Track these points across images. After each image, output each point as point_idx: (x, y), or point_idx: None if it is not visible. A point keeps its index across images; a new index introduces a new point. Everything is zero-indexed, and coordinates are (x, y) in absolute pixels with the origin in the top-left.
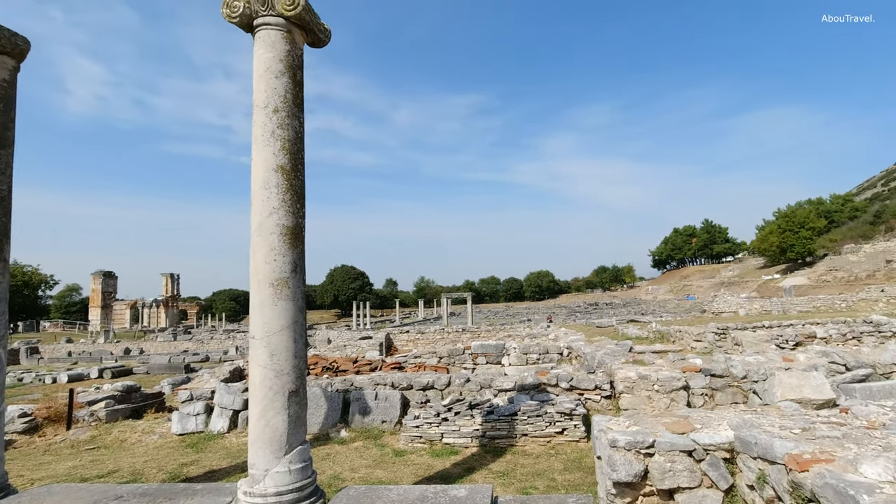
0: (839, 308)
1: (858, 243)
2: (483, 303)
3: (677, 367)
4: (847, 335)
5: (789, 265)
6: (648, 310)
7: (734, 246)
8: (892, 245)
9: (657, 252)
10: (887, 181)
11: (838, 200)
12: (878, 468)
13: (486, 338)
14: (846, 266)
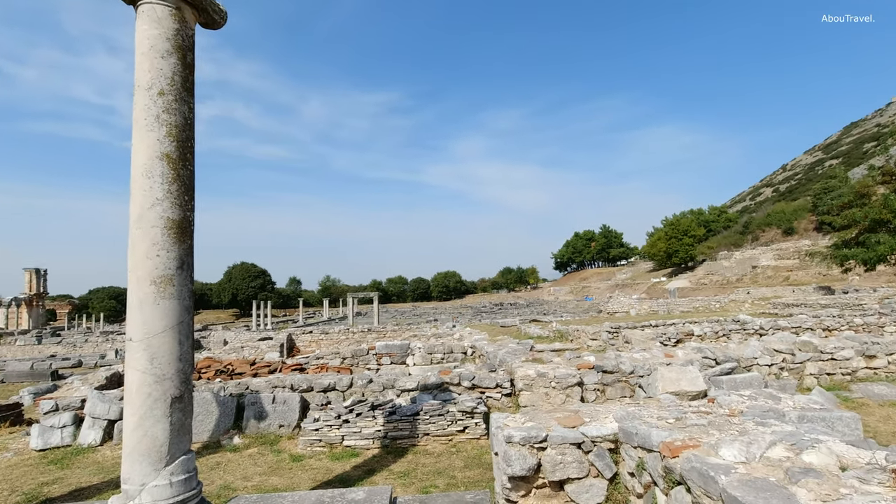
0: (714, 308)
1: (731, 250)
2: (390, 303)
3: (573, 364)
4: (719, 333)
5: (674, 269)
6: (550, 310)
7: (628, 250)
8: (757, 252)
9: (559, 255)
10: (754, 196)
11: (715, 211)
12: (734, 451)
13: (392, 338)
14: (720, 271)
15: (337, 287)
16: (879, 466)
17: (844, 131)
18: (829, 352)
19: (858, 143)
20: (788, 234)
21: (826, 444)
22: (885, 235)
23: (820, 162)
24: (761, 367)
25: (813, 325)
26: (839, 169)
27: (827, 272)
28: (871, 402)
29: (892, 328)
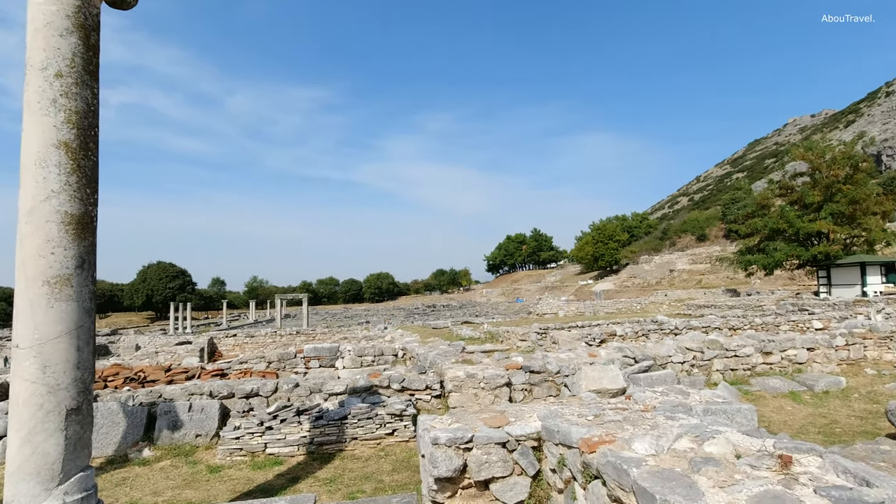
0: (635, 309)
1: (651, 255)
2: (321, 304)
3: (502, 365)
4: (639, 333)
5: (600, 272)
6: (482, 311)
7: (558, 254)
8: (674, 257)
9: (492, 257)
10: (672, 204)
11: (637, 218)
12: (646, 444)
13: (322, 340)
14: (642, 274)
15: (264, 288)
16: (768, 453)
17: (749, 147)
18: (733, 349)
19: (760, 159)
20: (701, 240)
21: (724, 435)
22: (781, 243)
23: (728, 175)
24: (675, 365)
25: (720, 325)
26: (744, 182)
27: (734, 276)
28: (767, 395)
29: (786, 327)
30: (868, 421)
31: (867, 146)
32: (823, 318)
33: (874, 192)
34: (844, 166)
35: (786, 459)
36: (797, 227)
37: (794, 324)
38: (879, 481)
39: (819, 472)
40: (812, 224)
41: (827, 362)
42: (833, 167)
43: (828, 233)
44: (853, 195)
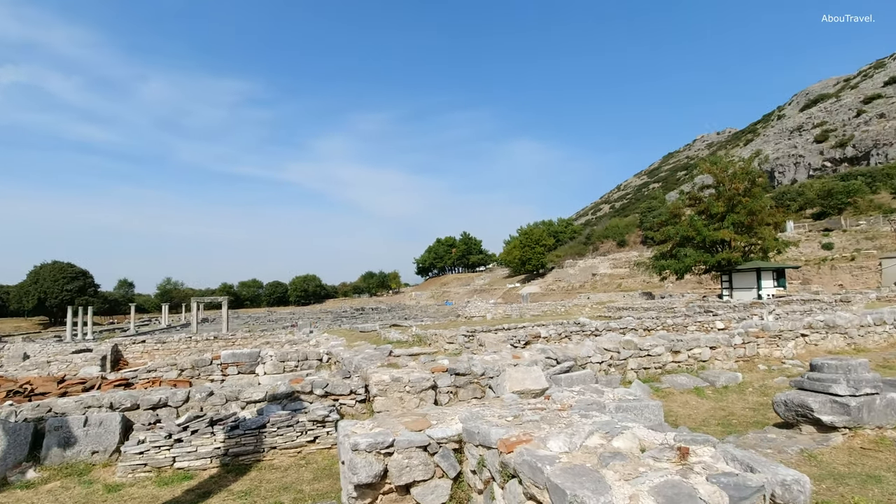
0: (560, 312)
1: (575, 259)
2: (243, 308)
3: (427, 368)
4: (562, 334)
5: (528, 275)
6: (412, 314)
7: (486, 257)
8: (597, 261)
9: (421, 260)
10: (595, 211)
11: (563, 223)
12: (560, 442)
13: (242, 346)
14: (566, 277)
15: (179, 291)
16: (669, 446)
17: (664, 160)
18: (646, 349)
19: (673, 171)
20: (621, 245)
21: (631, 431)
22: (690, 250)
23: (646, 185)
24: (594, 365)
25: (636, 326)
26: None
27: (650, 280)
28: (675, 391)
29: (693, 328)
30: (759, 412)
31: (762, 163)
32: (725, 318)
33: (768, 205)
34: (744, 180)
35: (683, 451)
36: (704, 235)
37: (700, 324)
38: (761, 467)
39: (712, 461)
40: (716, 232)
41: (727, 359)
42: (734, 181)
43: (730, 241)
44: (751, 207)
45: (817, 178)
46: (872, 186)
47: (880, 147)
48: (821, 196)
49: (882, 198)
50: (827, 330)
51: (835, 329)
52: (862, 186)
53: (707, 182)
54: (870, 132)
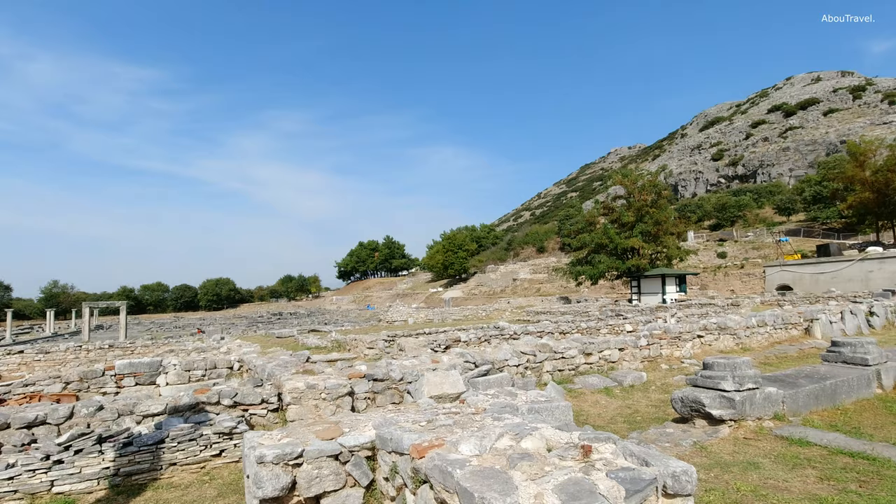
0: (481, 316)
1: (497, 264)
2: (146, 313)
3: (345, 374)
4: (482, 338)
5: (450, 280)
6: (332, 319)
7: (409, 261)
8: (517, 267)
9: (343, 263)
10: (516, 217)
11: (486, 229)
12: (471, 445)
13: (143, 354)
14: (488, 282)
15: (68, 295)
16: (574, 444)
17: (581, 170)
18: (561, 352)
19: (590, 181)
20: (541, 251)
21: (539, 431)
22: (604, 256)
23: (564, 193)
24: (511, 368)
25: (553, 330)
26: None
27: (567, 285)
28: (587, 391)
29: (605, 330)
30: (661, 409)
31: (667, 177)
32: (633, 322)
33: (672, 216)
34: (651, 193)
35: (587, 449)
36: (616, 243)
37: (611, 327)
38: (655, 461)
39: (612, 457)
40: (627, 240)
41: (633, 360)
42: (643, 193)
43: (639, 248)
44: (657, 217)
45: (713, 192)
46: (758, 202)
47: (765, 167)
48: (716, 209)
49: (766, 212)
50: (719, 331)
51: (726, 330)
52: (750, 202)
53: (619, 193)
54: (756, 153)
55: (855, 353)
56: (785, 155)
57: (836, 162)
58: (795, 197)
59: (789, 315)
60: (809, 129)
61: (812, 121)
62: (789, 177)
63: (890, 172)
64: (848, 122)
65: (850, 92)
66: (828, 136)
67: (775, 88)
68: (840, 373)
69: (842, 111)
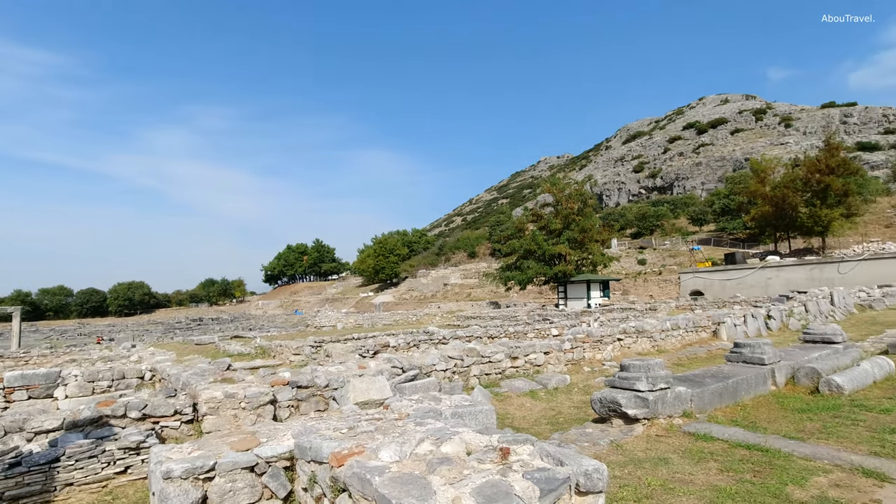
0: (412, 321)
1: (428, 269)
2: (45, 319)
3: (267, 382)
4: (411, 343)
5: (381, 285)
6: (257, 325)
7: (340, 265)
8: (448, 272)
9: (270, 267)
10: (448, 223)
11: (417, 233)
12: (391, 452)
13: (39, 365)
14: (419, 287)
15: None
16: (493, 447)
17: (512, 178)
18: (488, 356)
19: (520, 189)
20: (472, 257)
21: (460, 435)
22: (532, 262)
23: (495, 200)
24: (439, 372)
25: (481, 334)
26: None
27: (497, 290)
28: (513, 394)
29: (532, 335)
30: (582, 410)
31: (593, 186)
32: (559, 326)
33: (597, 224)
34: (577, 201)
35: (505, 451)
36: (544, 249)
37: (538, 332)
38: (569, 460)
39: (529, 458)
40: (554, 247)
41: (558, 363)
42: (570, 201)
43: (565, 255)
44: (583, 225)
45: (635, 202)
46: (675, 212)
47: (681, 180)
48: (637, 218)
49: (681, 222)
50: (637, 334)
51: (643, 333)
52: (667, 212)
53: (548, 201)
54: (673, 167)
55: (753, 353)
56: (698, 169)
57: (741, 177)
58: (707, 209)
59: (699, 319)
60: (719, 147)
61: (721, 139)
62: (702, 190)
63: (786, 189)
64: (751, 142)
65: (753, 114)
66: (734, 153)
67: (689, 107)
68: (741, 372)
69: (746, 131)
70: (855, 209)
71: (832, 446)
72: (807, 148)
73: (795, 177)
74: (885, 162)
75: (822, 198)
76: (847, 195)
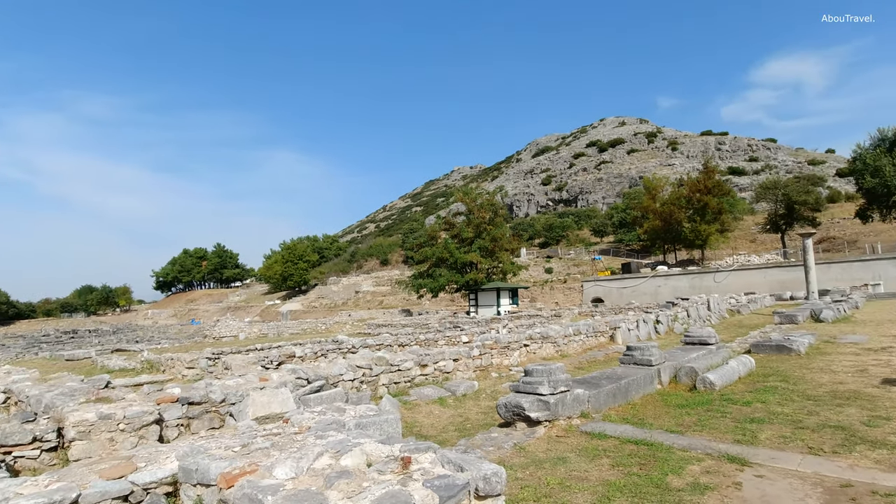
0: (321, 330)
1: (339, 276)
2: None
3: (153, 399)
4: (318, 353)
5: (289, 292)
6: (146, 336)
7: (244, 272)
8: (360, 279)
9: (163, 273)
10: (361, 229)
11: (329, 240)
12: (287, 468)
13: None
14: (330, 294)
15: None
16: (395, 457)
17: (426, 186)
18: (397, 364)
19: (433, 197)
20: (385, 264)
21: (360, 447)
22: (444, 270)
23: (409, 207)
24: (346, 383)
25: (392, 343)
26: (420, 215)
27: (409, 297)
28: (422, 402)
29: (442, 342)
30: (489, 415)
31: (504, 197)
32: (469, 333)
33: (507, 233)
34: (489, 211)
35: (406, 461)
36: (456, 257)
37: (448, 339)
38: (469, 465)
39: (430, 466)
40: (466, 255)
41: (467, 370)
42: (481, 211)
43: (477, 263)
44: (494, 234)
45: (543, 213)
46: (579, 224)
47: (584, 193)
48: (545, 229)
49: (585, 233)
50: (542, 340)
51: (548, 339)
52: (572, 224)
53: (460, 209)
54: (577, 181)
55: (643, 355)
56: (599, 184)
57: (635, 194)
58: (607, 221)
59: (598, 324)
60: (617, 164)
61: (619, 157)
62: (602, 203)
63: (672, 206)
64: (644, 161)
65: (646, 137)
66: (630, 171)
67: (592, 127)
68: (632, 373)
69: (640, 152)
70: (727, 226)
71: (705, 437)
72: (689, 170)
73: (680, 195)
74: (750, 185)
75: (701, 215)
76: (721, 213)
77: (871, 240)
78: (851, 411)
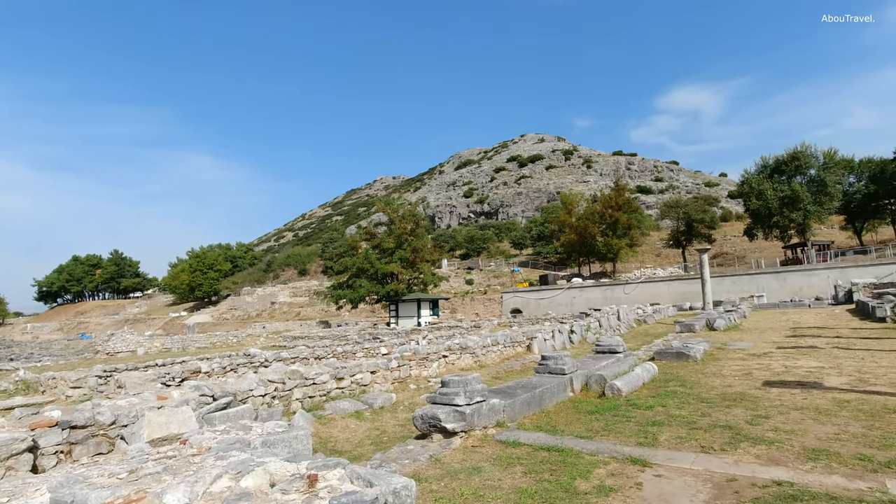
0: (231, 343)
1: (254, 286)
2: None
3: (26, 424)
4: (227, 368)
5: (197, 303)
6: (24, 353)
7: (145, 281)
8: (277, 289)
9: (47, 282)
10: (278, 238)
11: (242, 248)
12: (179, 494)
13: None
14: (243, 305)
15: None
16: (300, 475)
17: (347, 195)
18: (312, 378)
19: (355, 206)
20: (303, 274)
21: (265, 466)
22: (365, 280)
23: (329, 216)
24: (256, 399)
25: (308, 355)
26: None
27: (328, 308)
28: (338, 416)
29: (361, 354)
30: (406, 428)
31: (426, 208)
32: (389, 344)
33: (428, 245)
34: (411, 222)
35: (312, 479)
36: (377, 268)
37: (367, 351)
38: (378, 480)
39: (338, 483)
40: (387, 266)
41: (385, 382)
42: (403, 221)
43: (397, 274)
44: (415, 245)
45: (465, 225)
46: (499, 236)
47: (505, 207)
48: (466, 240)
49: (504, 246)
50: (461, 351)
51: (466, 350)
52: (493, 236)
53: (382, 220)
54: (498, 195)
55: (557, 364)
56: (519, 198)
57: (553, 208)
58: (526, 234)
59: (516, 335)
60: (536, 179)
61: (538, 173)
62: (522, 217)
63: (587, 220)
64: (562, 177)
65: (563, 154)
66: (549, 186)
67: (513, 142)
68: (546, 382)
69: (558, 168)
70: (636, 240)
71: (611, 441)
72: (602, 187)
73: (594, 211)
74: (656, 203)
75: (613, 229)
76: (630, 228)
77: (756, 255)
78: (738, 412)
